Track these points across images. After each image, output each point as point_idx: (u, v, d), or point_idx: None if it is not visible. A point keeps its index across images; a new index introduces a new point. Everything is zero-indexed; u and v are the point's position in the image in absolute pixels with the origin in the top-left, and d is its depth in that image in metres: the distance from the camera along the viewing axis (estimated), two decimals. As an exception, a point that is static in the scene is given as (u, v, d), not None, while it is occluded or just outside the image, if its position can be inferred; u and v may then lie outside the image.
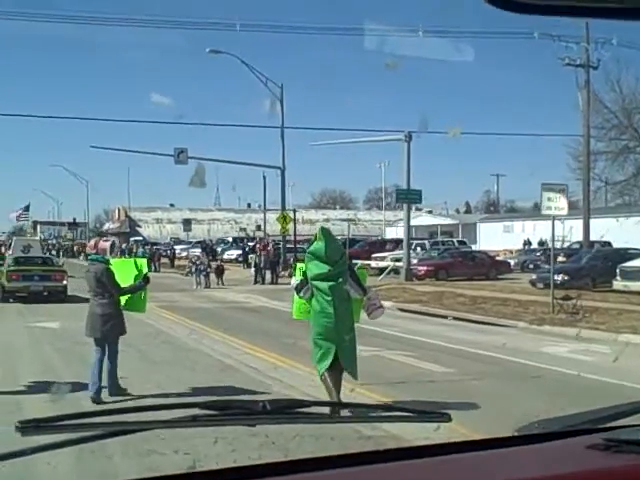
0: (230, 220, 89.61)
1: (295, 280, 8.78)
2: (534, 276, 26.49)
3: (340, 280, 8.09)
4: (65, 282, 23.57)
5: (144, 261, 10.26)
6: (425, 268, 33.79)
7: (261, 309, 21.60)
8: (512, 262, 39.00)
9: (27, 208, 79.11)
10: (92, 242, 11.03)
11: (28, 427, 1.52)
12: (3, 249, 50.29)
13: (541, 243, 56.10)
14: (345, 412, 4.55)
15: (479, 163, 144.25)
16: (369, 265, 39.91)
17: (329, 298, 7.98)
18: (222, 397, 8.41)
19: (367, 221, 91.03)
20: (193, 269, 31.63)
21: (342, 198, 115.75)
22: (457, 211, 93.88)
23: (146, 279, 9.09)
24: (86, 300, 22.04)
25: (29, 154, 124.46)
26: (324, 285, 7.99)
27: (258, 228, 71.52)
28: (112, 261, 9.66)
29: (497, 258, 38.89)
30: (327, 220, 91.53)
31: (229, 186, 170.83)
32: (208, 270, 31.16)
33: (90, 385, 8.62)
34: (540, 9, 1.54)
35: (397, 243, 43.27)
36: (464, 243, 49.95)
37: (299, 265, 9.35)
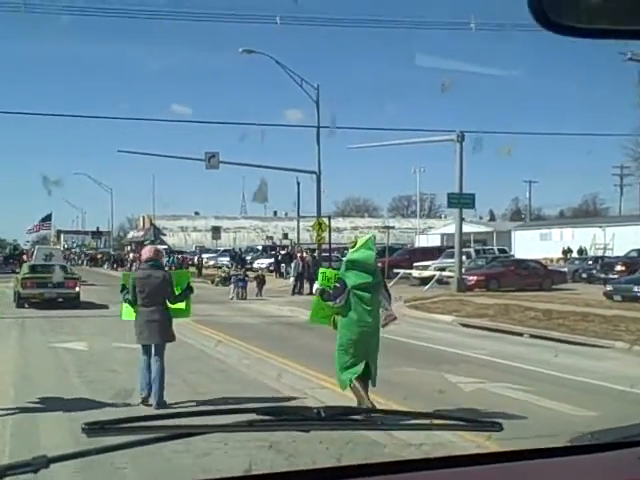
0: (256, 228, 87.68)
1: (318, 285, 8.59)
2: (609, 287, 23.87)
3: (378, 290, 8.14)
4: (78, 289, 24.12)
5: (188, 272, 10.78)
6: (475, 278, 31.23)
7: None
8: (564, 271, 36.38)
9: (49, 217, 77.67)
10: (148, 249, 9.97)
11: (94, 428, 1.56)
12: (25, 257, 49.74)
13: (580, 251, 53.51)
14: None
15: (504, 170, 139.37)
16: (410, 274, 37.60)
17: (369, 308, 7.93)
18: (277, 404, 8.38)
19: (396, 229, 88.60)
20: (232, 279, 29.22)
21: (366, 206, 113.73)
22: (480, 218, 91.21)
23: (190, 288, 9.39)
24: (102, 308, 22.01)
25: (53, 162, 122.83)
26: (366, 295, 7.93)
27: (285, 236, 69.70)
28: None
29: (550, 267, 36.29)
30: (355, 228, 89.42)
31: (254, 194, 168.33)
32: (246, 279, 28.81)
33: (141, 389, 8.80)
34: (587, 32, 1.63)
35: (440, 251, 40.79)
36: (505, 251, 47.50)
37: (322, 270, 9.27)
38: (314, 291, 8.99)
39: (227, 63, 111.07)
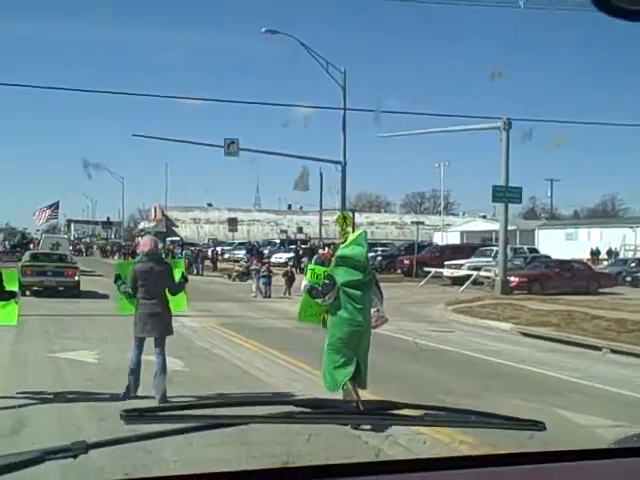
0: (270, 221, 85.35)
1: (306, 282, 8.19)
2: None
3: (369, 288, 7.92)
4: (77, 278, 24.46)
5: (181, 261, 10.99)
6: (517, 279, 28.71)
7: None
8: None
9: (56, 205, 75.74)
10: (147, 240, 9.17)
11: (132, 416, 1.54)
12: (32, 246, 48.18)
13: (610, 253, 51.03)
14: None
15: (520, 167, 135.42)
16: (441, 274, 35.05)
17: (360, 306, 7.73)
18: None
19: (411, 225, 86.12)
20: (254, 274, 26.66)
21: (379, 202, 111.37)
22: (484, 217, 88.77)
23: (185, 278, 9.13)
24: (102, 297, 21.69)
25: (63, 150, 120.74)
26: (357, 293, 7.71)
27: (300, 230, 67.42)
28: None
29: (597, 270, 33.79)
30: (371, 224, 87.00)
31: (268, 186, 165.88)
32: (271, 275, 26.32)
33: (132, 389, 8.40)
34: None
35: (472, 249, 38.22)
36: (536, 251, 45.01)
37: (311, 267, 9.26)
38: (302, 288, 8.34)
39: (247, 47, 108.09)
